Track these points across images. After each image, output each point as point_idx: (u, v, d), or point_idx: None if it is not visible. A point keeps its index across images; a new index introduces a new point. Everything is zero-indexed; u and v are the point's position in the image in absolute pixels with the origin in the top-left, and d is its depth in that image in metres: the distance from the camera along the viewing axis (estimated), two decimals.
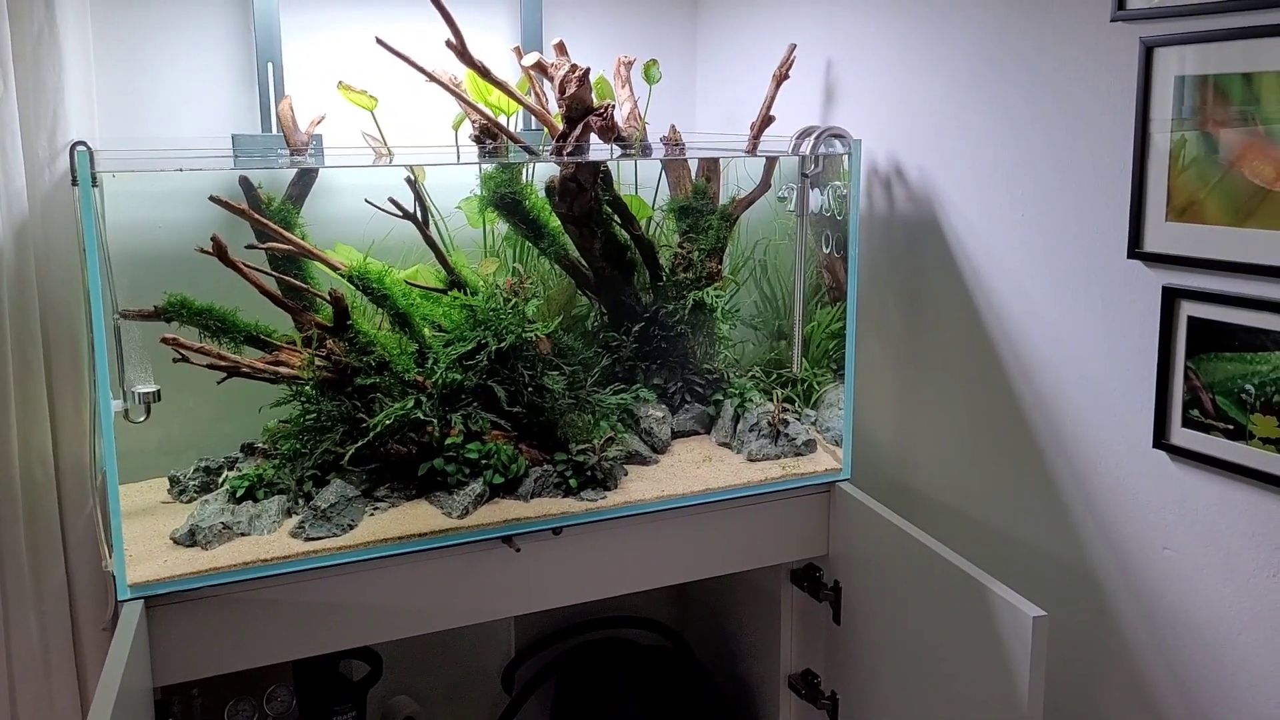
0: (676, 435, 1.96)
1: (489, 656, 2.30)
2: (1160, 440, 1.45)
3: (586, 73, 1.67)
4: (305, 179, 1.79)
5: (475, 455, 1.68)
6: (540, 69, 1.80)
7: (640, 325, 1.94)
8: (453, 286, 1.77)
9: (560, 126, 1.71)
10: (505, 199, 1.82)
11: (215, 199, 1.59)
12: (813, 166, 1.88)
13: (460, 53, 1.63)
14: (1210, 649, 1.41)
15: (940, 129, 1.77)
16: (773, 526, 1.82)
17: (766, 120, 1.94)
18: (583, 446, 1.74)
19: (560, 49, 1.87)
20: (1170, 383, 1.42)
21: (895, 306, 1.93)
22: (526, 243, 1.91)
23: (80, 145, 1.41)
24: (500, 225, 1.90)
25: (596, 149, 1.73)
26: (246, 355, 1.65)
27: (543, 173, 1.85)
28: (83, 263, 1.54)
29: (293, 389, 1.68)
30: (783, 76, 1.95)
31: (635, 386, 1.94)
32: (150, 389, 1.64)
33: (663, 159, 2.00)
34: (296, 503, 1.63)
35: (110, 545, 1.47)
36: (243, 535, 1.57)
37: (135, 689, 1.33)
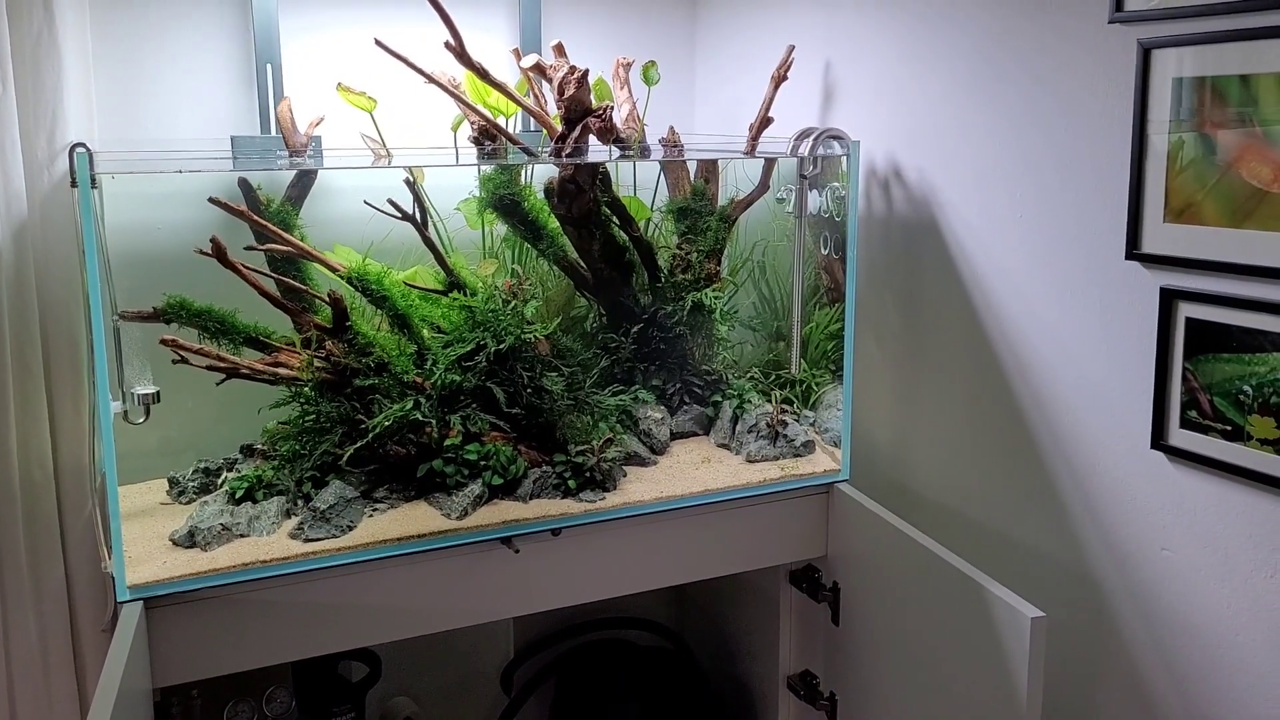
0: (675, 436, 1.96)
1: (488, 657, 2.29)
2: (1158, 441, 1.45)
3: (585, 74, 1.67)
4: (304, 180, 1.79)
5: (474, 456, 1.68)
6: (539, 70, 1.80)
7: (639, 326, 1.94)
8: (452, 288, 1.77)
9: (559, 128, 1.71)
10: (504, 200, 1.82)
11: (214, 200, 1.59)
12: (811, 168, 1.88)
13: (459, 54, 1.64)
14: (1208, 649, 1.42)
15: (939, 130, 1.77)
16: (771, 527, 1.82)
17: (765, 121, 1.94)
18: (581, 448, 1.74)
19: (559, 50, 1.87)
20: (1168, 384, 1.43)
21: (894, 307, 1.93)
22: (525, 244, 1.91)
23: (79, 147, 1.41)
24: (499, 226, 1.90)
25: (595, 150, 1.73)
26: (245, 357, 1.65)
27: (541, 174, 1.85)
28: (82, 264, 1.54)
29: (292, 390, 1.68)
30: (781, 78, 1.95)
31: (634, 388, 1.94)
32: (149, 390, 1.64)
33: (661, 160, 2.01)
34: (295, 504, 1.63)
35: (109, 546, 1.47)
36: (242, 536, 1.57)
37: (134, 690, 1.33)
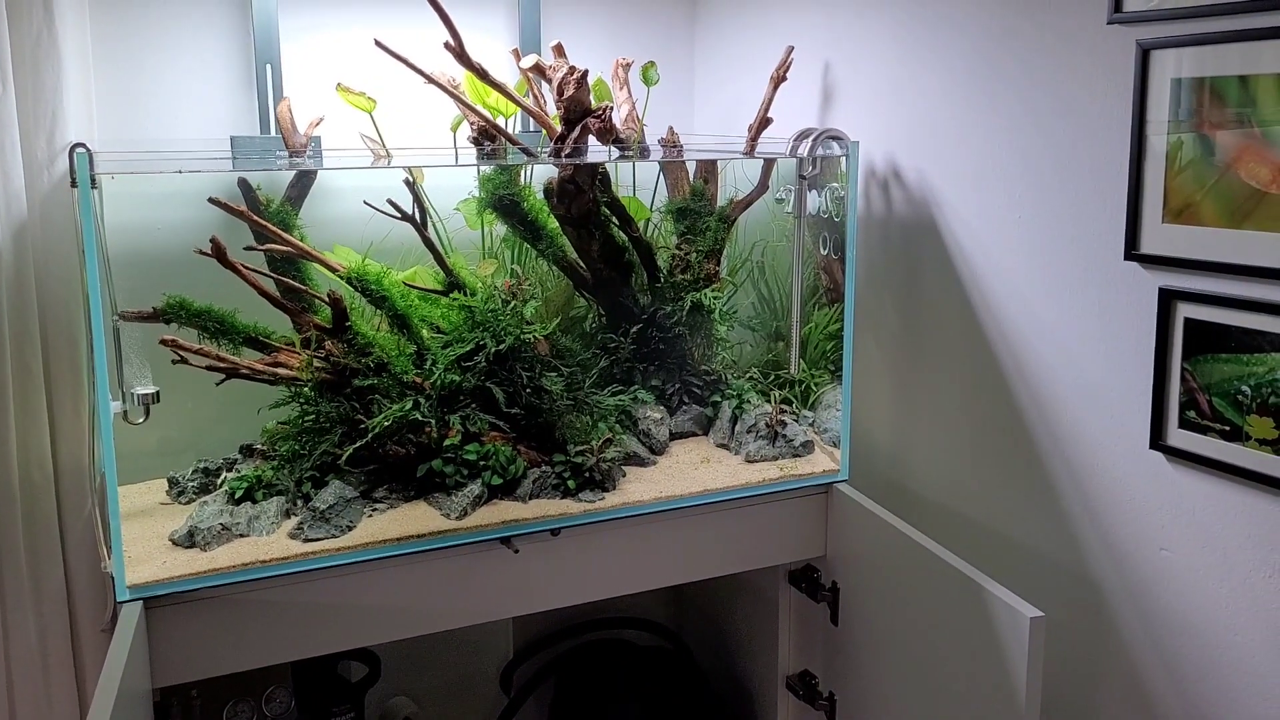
0: (674, 436, 1.96)
1: (487, 657, 2.30)
2: (1157, 441, 1.45)
3: (584, 75, 1.67)
4: (304, 181, 1.79)
5: (474, 457, 1.68)
6: (538, 71, 1.80)
7: (638, 327, 1.94)
8: (451, 288, 1.77)
9: (558, 128, 1.71)
10: (503, 200, 1.82)
11: (214, 201, 1.59)
12: (810, 168, 1.88)
13: (459, 55, 1.64)
14: (1207, 649, 1.42)
15: (938, 131, 1.77)
16: (770, 527, 1.82)
17: (764, 122, 1.94)
18: (581, 448, 1.74)
19: (558, 51, 1.87)
20: (1167, 384, 1.43)
21: (893, 308, 1.93)
22: (525, 244, 1.91)
23: (80, 147, 1.41)
24: (498, 227, 1.91)
25: (594, 151, 1.73)
26: (245, 357, 1.65)
27: (541, 174, 1.85)
28: (82, 264, 1.54)
29: (291, 390, 1.68)
30: (780, 78, 1.95)
31: (633, 388, 1.94)
32: (149, 390, 1.64)
33: (661, 161, 2.01)
34: (295, 504, 1.64)
35: (109, 546, 1.48)
36: (241, 536, 1.57)
37: (134, 690, 1.33)
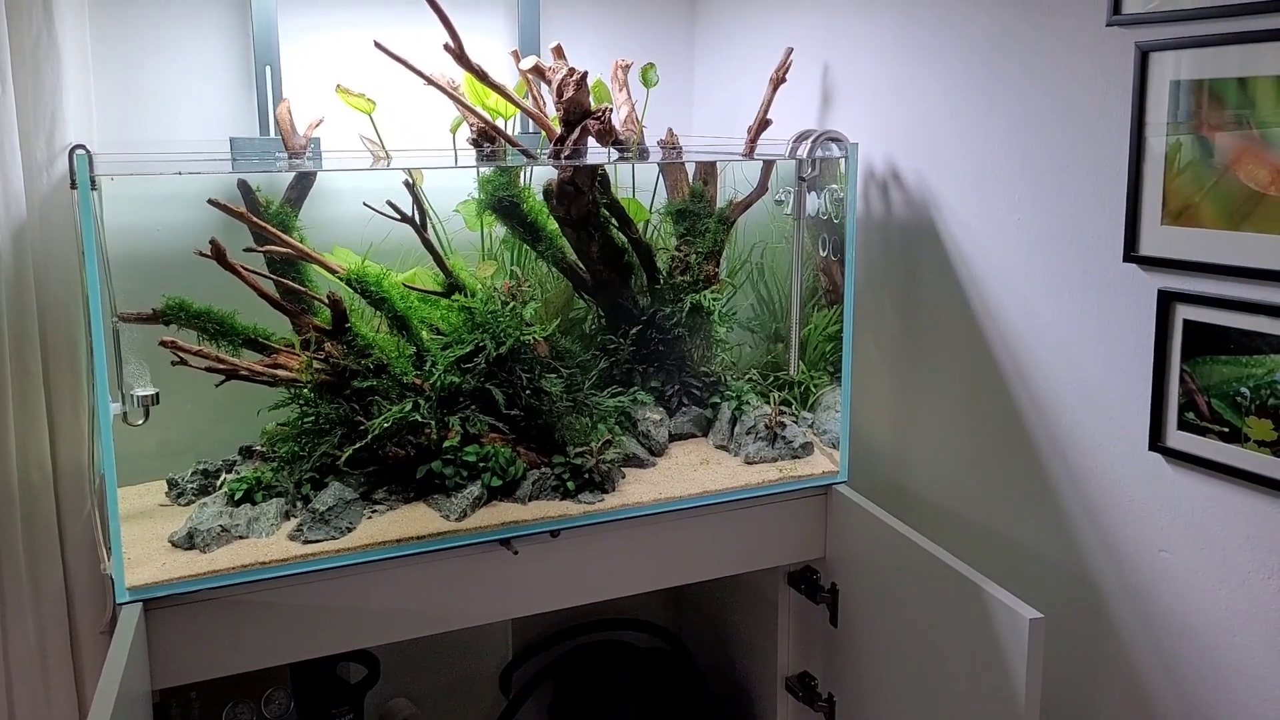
0: (674, 438, 1.96)
1: (487, 659, 2.30)
2: (1156, 443, 1.45)
3: (584, 76, 1.67)
4: (303, 182, 1.79)
5: (473, 458, 1.68)
6: (538, 72, 1.80)
7: (638, 328, 1.94)
8: (451, 290, 1.77)
9: (558, 130, 1.71)
10: (503, 202, 1.82)
11: (214, 202, 1.59)
12: (810, 170, 1.88)
13: (458, 56, 1.64)
14: (1206, 650, 1.42)
15: (937, 132, 1.78)
16: (770, 529, 1.82)
17: (763, 124, 1.94)
18: (580, 449, 1.74)
19: (558, 53, 1.87)
20: (1166, 385, 1.43)
21: (892, 309, 1.93)
22: (524, 246, 1.91)
23: (79, 148, 1.41)
24: (498, 228, 1.91)
25: (594, 152, 1.74)
26: (245, 358, 1.65)
27: (540, 176, 1.85)
28: (81, 266, 1.54)
29: (291, 392, 1.68)
30: (779, 80, 1.95)
31: (633, 389, 1.94)
32: (149, 392, 1.64)
33: (660, 162, 2.01)
34: (295, 505, 1.63)
35: (109, 548, 1.48)
36: (241, 538, 1.57)
37: (134, 692, 1.33)
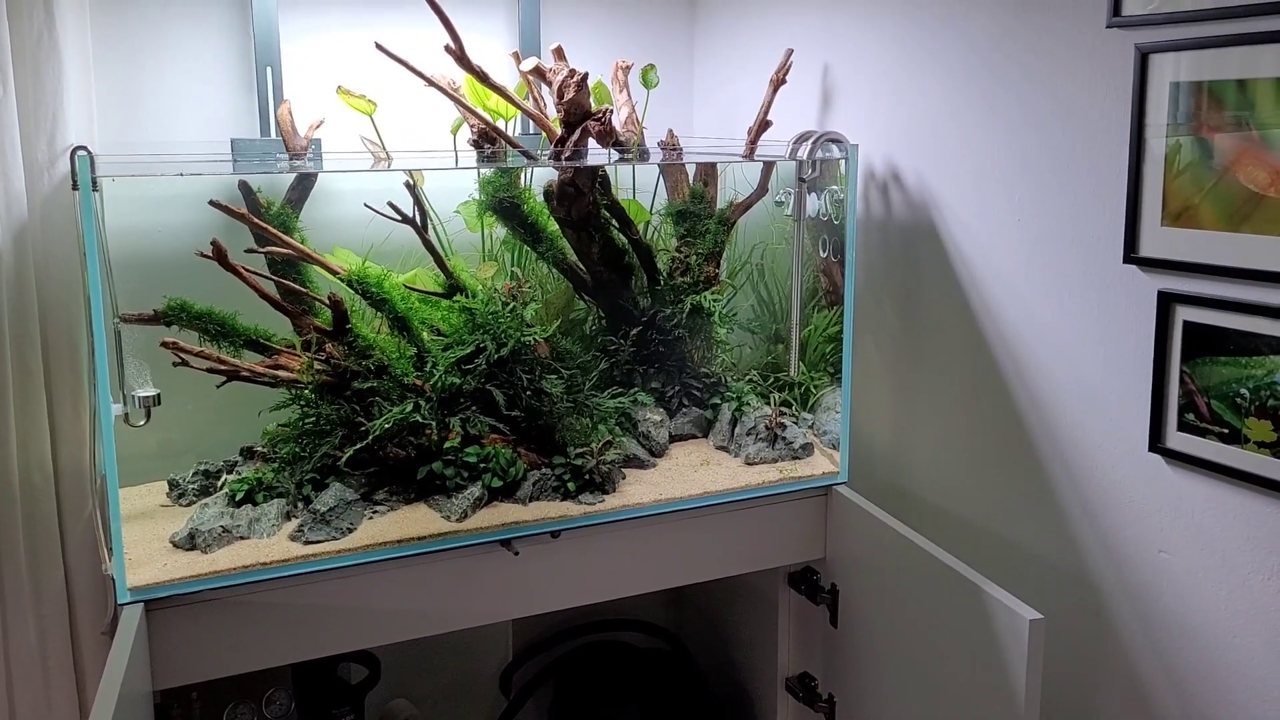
0: (674, 439, 1.96)
1: (487, 659, 2.30)
2: (1156, 444, 1.45)
3: (584, 77, 1.67)
4: (304, 183, 1.79)
5: (474, 459, 1.68)
6: (538, 74, 1.80)
7: (638, 329, 1.94)
8: (452, 291, 1.77)
9: (558, 131, 1.72)
10: (503, 203, 1.83)
11: (215, 203, 1.59)
12: (810, 171, 1.89)
13: (459, 58, 1.64)
14: (1206, 652, 1.42)
15: (937, 134, 1.78)
16: (770, 530, 1.82)
17: (764, 125, 1.95)
18: (581, 450, 1.74)
19: (558, 54, 1.87)
20: (1166, 387, 1.43)
21: (892, 310, 1.93)
22: (525, 247, 1.91)
23: (81, 149, 1.41)
24: (499, 229, 1.91)
25: (594, 153, 1.74)
26: (246, 359, 1.66)
27: (541, 177, 1.85)
28: (83, 267, 1.54)
29: (292, 393, 1.69)
30: (780, 81, 1.95)
31: (633, 390, 1.94)
32: (150, 393, 1.64)
33: (660, 163, 2.01)
34: (295, 506, 1.64)
35: (110, 549, 1.48)
36: (242, 539, 1.57)
37: (135, 693, 1.33)
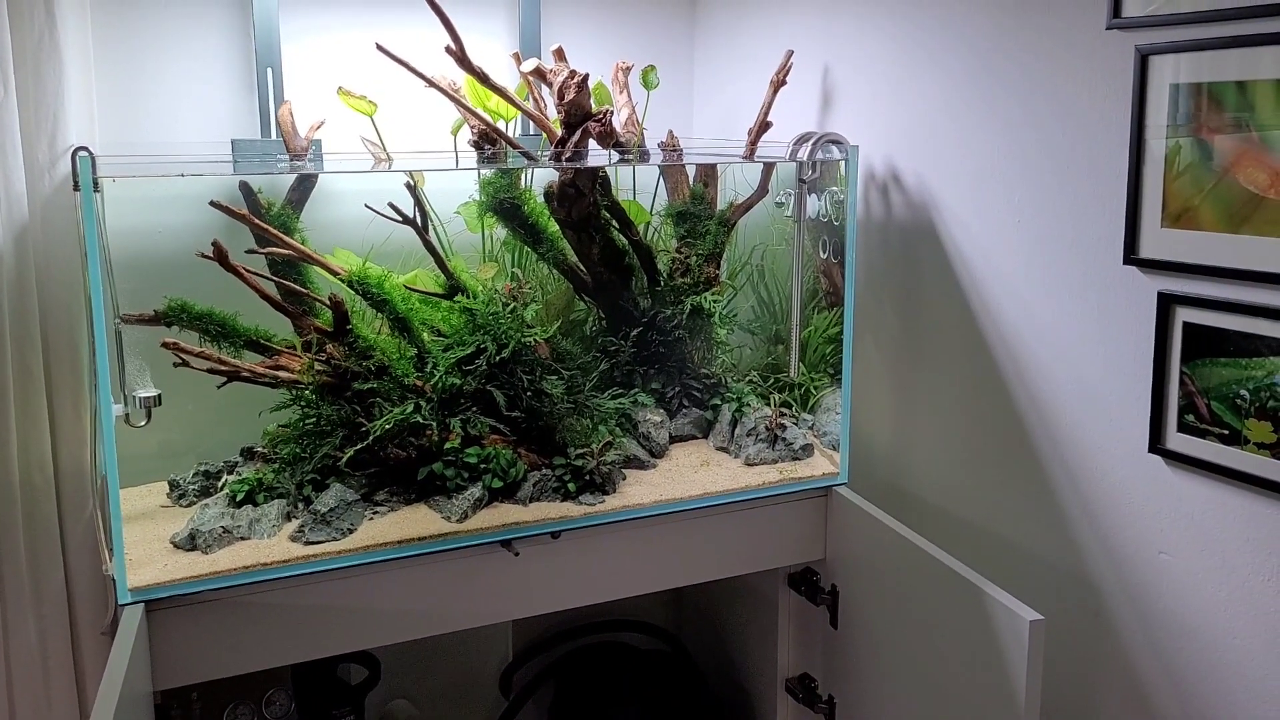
0: (674, 440, 1.97)
1: (487, 660, 2.30)
2: (1156, 445, 1.45)
3: (585, 78, 1.67)
4: (305, 184, 1.79)
5: (474, 459, 1.68)
6: (539, 75, 1.80)
7: (638, 330, 1.94)
8: (452, 291, 1.77)
9: (559, 132, 1.72)
10: (504, 204, 1.83)
11: (215, 204, 1.60)
12: (810, 172, 1.89)
13: (459, 58, 1.64)
14: (1206, 653, 1.42)
15: (937, 135, 1.78)
16: (770, 531, 1.82)
17: (764, 126, 1.95)
18: (581, 451, 1.74)
19: (559, 55, 1.88)
20: (1166, 388, 1.43)
21: (892, 311, 1.93)
22: (525, 247, 1.91)
23: (82, 150, 1.41)
24: (499, 230, 1.91)
25: (595, 154, 1.74)
26: (246, 360, 1.66)
27: (541, 178, 1.85)
28: (83, 267, 1.54)
29: (292, 393, 1.69)
30: (780, 82, 1.95)
31: (633, 391, 1.94)
32: (151, 393, 1.64)
33: (661, 164, 2.01)
34: (296, 507, 1.64)
35: (111, 549, 1.48)
36: (242, 539, 1.57)
37: (136, 693, 1.33)
